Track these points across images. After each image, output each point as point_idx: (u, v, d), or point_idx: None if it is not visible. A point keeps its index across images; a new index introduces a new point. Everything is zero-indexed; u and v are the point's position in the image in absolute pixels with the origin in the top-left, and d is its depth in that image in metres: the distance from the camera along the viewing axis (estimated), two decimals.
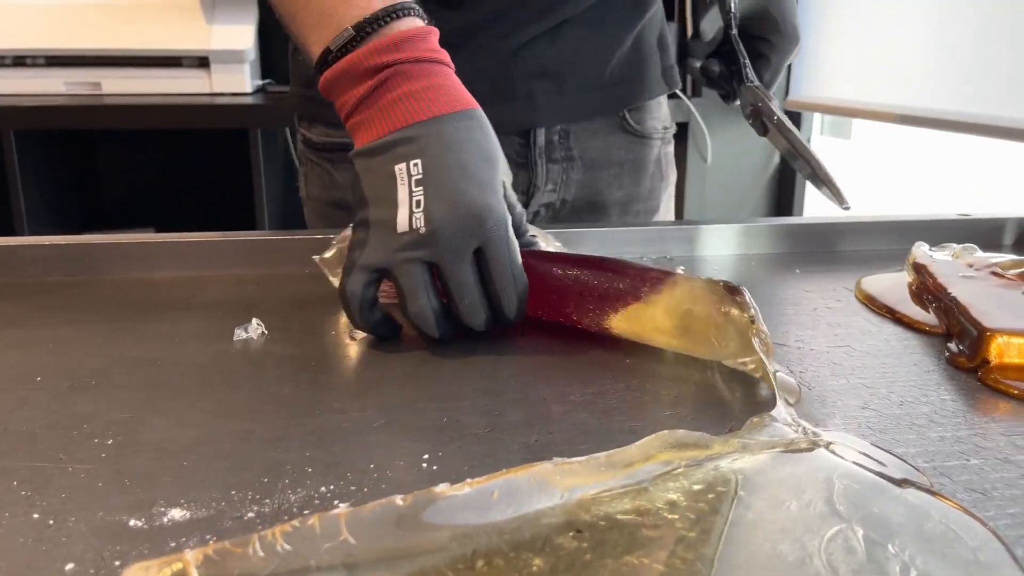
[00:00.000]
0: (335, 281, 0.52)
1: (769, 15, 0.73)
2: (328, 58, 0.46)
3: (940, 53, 1.42)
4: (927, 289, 0.54)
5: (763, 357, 0.40)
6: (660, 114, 0.85)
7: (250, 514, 0.30)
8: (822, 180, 0.65)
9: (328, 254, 0.53)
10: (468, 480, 0.27)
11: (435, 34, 0.47)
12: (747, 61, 0.71)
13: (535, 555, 0.24)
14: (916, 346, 0.48)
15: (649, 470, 0.29)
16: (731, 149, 1.86)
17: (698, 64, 0.76)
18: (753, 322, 0.41)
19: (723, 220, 0.72)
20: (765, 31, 0.74)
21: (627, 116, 0.80)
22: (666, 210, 0.88)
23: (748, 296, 0.42)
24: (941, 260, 0.58)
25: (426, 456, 0.34)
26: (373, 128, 0.45)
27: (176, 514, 0.30)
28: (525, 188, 0.77)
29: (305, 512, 0.30)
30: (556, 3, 0.70)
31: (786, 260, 0.68)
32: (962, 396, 0.41)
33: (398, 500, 0.26)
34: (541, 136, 0.76)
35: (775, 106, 0.69)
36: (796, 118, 1.87)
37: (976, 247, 0.61)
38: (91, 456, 0.34)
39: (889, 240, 0.72)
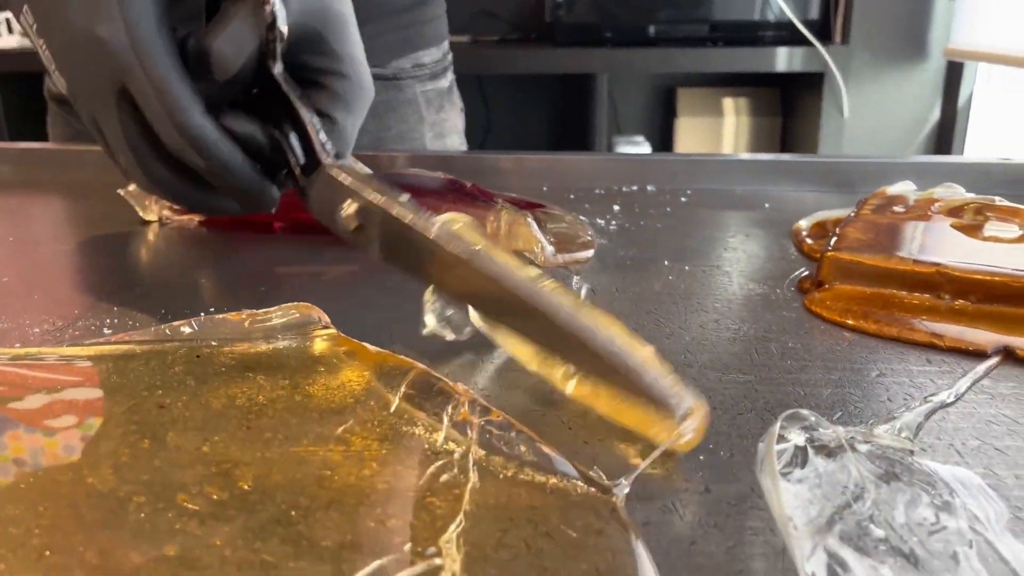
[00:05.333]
0: (143, 213, 0.56)
1: (325, 45, 0.42)
2: None
3: None
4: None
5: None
6: (411, 54, 0.77)
7: (106, 328, 0.40)
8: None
9: (132, 186, 0.55)
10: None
11: None
12: (316, 121, 0.40)
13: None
14: (793, 274, 0.48)
15: None
16: (873, 102, 1.72)
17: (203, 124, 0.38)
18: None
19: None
20: (321, 73, 0.43)
21: None
22: (446, 146, 0.82)
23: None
24: (896, 194, 0.56)
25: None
26: None
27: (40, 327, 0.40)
28: None
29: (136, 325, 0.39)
30: None
31: (763, 196, 0.67)
32: (754, 319, 0.41)
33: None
34: None
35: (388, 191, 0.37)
36: (958, 69, 1.69)
37: (957, 186, 0.57)
38: (39, 273, 0.46)
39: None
